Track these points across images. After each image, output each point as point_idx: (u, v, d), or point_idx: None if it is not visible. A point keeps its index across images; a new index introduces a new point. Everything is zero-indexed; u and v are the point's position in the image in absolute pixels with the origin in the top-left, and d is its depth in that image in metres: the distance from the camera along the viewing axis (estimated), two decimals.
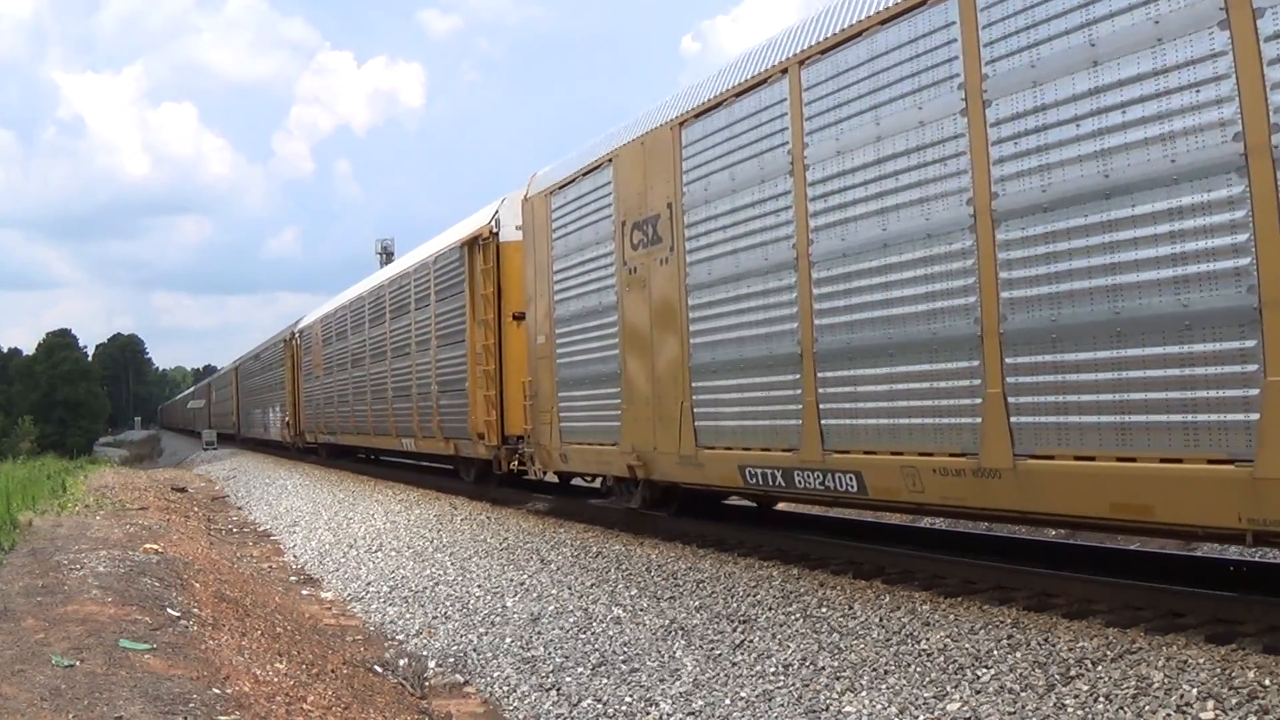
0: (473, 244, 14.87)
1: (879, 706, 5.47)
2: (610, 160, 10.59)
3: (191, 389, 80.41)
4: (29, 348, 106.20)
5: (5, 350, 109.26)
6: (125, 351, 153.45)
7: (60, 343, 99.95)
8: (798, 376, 7.83)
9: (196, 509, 19.39)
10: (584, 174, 11.18)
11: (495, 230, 14.15)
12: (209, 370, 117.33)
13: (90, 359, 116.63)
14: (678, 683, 6.51)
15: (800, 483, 7.94)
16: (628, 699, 6.50)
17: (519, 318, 13.36)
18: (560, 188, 11.72)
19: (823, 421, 7.60)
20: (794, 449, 7.88)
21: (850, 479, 7.44)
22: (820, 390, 7.64)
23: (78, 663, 5.80)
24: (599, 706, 6.54)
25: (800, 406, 7.83)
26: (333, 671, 7.47)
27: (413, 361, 18.10)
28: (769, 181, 8.13)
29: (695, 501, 10.61)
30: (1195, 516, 5.31)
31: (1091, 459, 5.70)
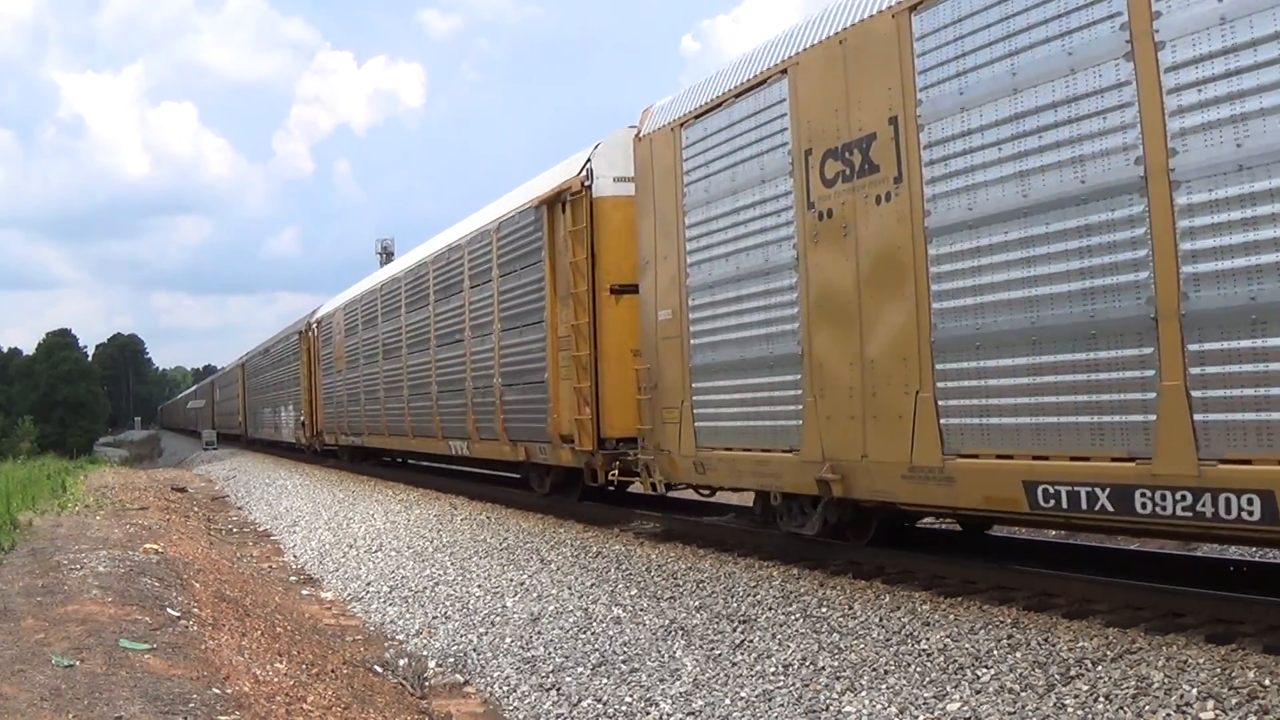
0: (554, 203, 12.08)
1: (879, 706, 5.47)
2: (783, 72, 8.12)
3: (194, 387, 79.97)
4: (29, 348, 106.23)
5: (5, 350, 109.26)
6: (125, 351, 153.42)
7: (60, 343, 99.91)
8: (1148, 351, 5.49)
9: (196, 509, 19.39)
10: (736, 95, 8.69)
11: (587, 183, 11.31)
12: (209, 370, 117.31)
13: (90, 359, 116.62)
14: (678, 683, 6.51)
15: (1150, 506, 5.50)
16: (628, 699, 6.50)
17: (620, 290, 11.02)
18: (696, 118, 9.26)
19: (1203, 418, 5.26)
20: (1142, 457, 5.51)
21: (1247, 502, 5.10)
22: (1195, 371, 5.30)
23: (78, 663, 5.80)
24: (599, 706, 6.54)
25: (1153, 395, 5.46)
26: (333, 671, 7.47)
27: (466, 350, 15.14)
28: (1088, 71, 5.79)
29: (897, 526, 8.59)
30: None
31: None
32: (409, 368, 18.25)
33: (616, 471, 10.89)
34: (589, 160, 11.47)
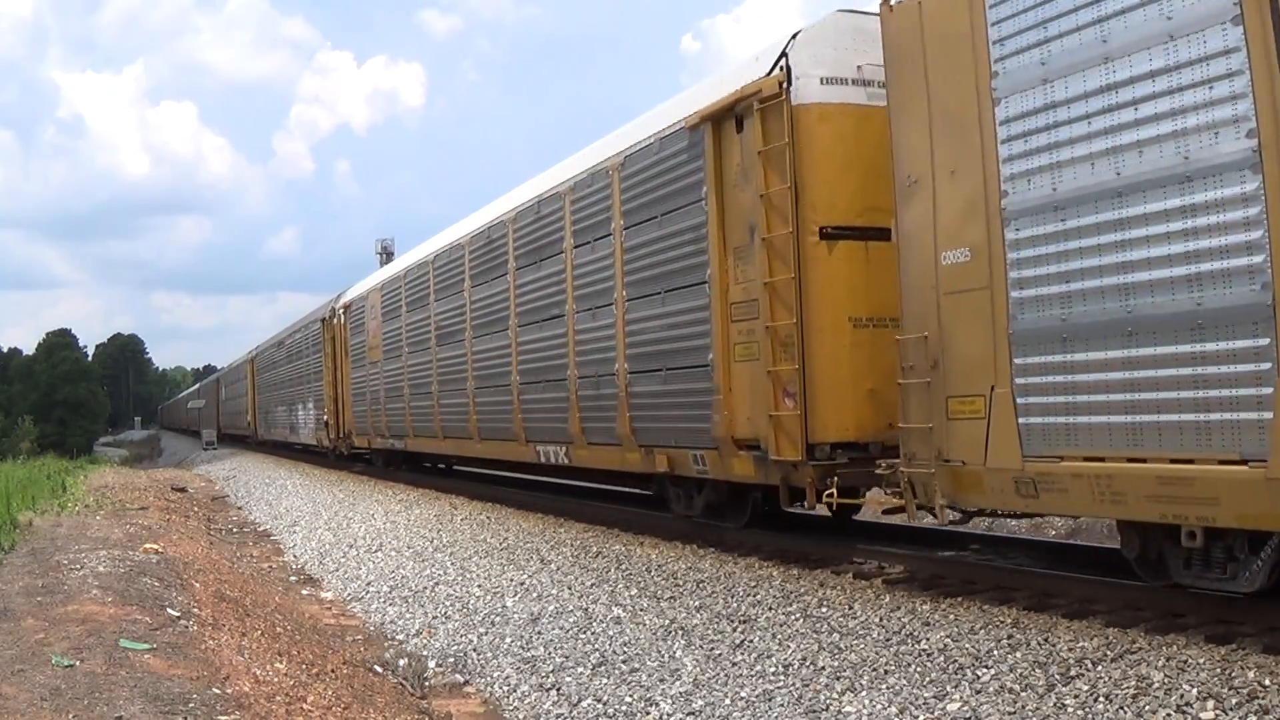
0: (723, 119, 8.91)
1: (879, 706, 5.47)
2: None
3: (196, 386, 79.52)
4: (29, 348, 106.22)
5: (5, 350, 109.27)
6: (125, 351, 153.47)
7: (60, 343, 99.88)
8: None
9: (196, 509, 19.38)
10: None
11: (785, 86, 8.19)
12: (209, 370, 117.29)
13: (90, 359, 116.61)
14: (678, 683, 6.51)
15: None
16: (628, 699, 6.50)
17: (835, 235, 8.09)
18: None
19: None
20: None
21: None
22: None
23: (78, 663, 5.80)
24: (599, 706, 6.54)
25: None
26: (333, 671, 7.47)
27: (569, 329, 11.70)
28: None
29: None
30: None
31: None
32: (475, 355, 14.75)
33: (835, 490, 7.83)
34: (784, 54, 8.33)
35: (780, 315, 8.27)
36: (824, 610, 7.11)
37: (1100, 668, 5.27)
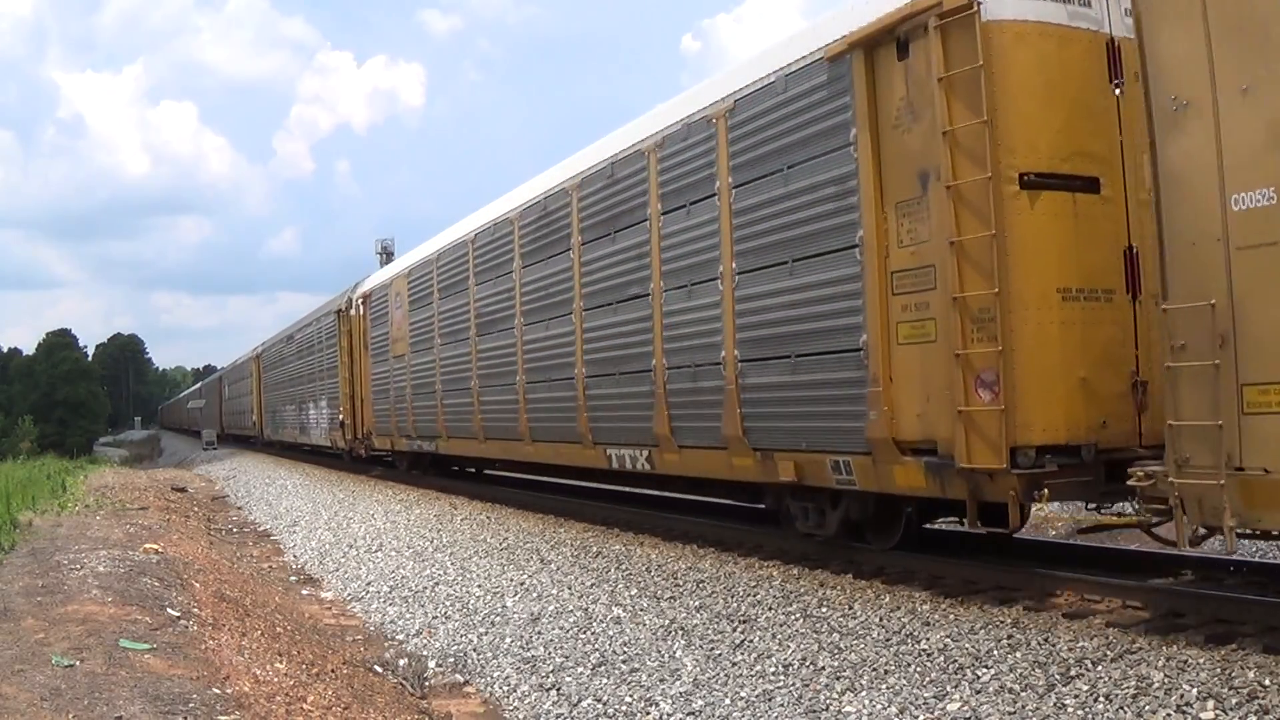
0: (880, 45, 7.37)
1: (879, 706, 5.47)
2: None
3: (198, 385, 79.17)
4: (29, 348, 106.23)
5: (5, 350, 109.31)
6: (125, 351, 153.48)
7: (60, 343, 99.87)
8: None
9: (196, 509, 19.38)
10: None
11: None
12: (209, 370, 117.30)
13: (90, 359, 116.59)
14: (678, 683, 6.51)
15: None
16: (628, 699, 6.50)
17: (1039, 184, 6.60)
18: None
19: None
20: None
21: None
22: None
23: (78, 663, 5.80)
24: (599, 706, 6.54)
25: None
26: (333, 671, 7.47)
27: (655, 310, 9.99)
28: None
29: None
30: None
31: None
32: (528, 345, 12.97)
33: (1044, 502, 6.60)
34: None
35: (974, 284, 6.61)
36: (824, 610, 7.11)
37: (1100, 668, 5.27)
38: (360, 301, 21.76)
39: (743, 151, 8.69)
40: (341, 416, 23.00)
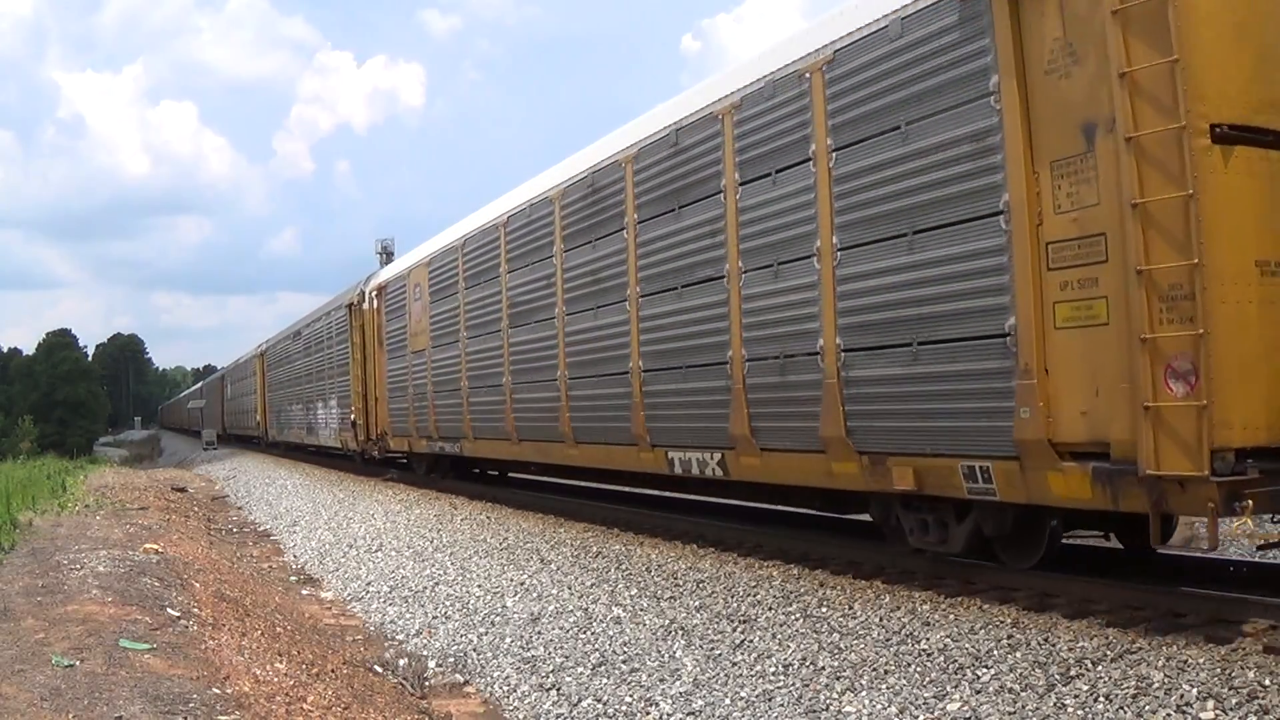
0: None
1: (879, 706, 5.47)
2: None
3: (200, 385, 78.95)
4: (29, 348, 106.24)
5: (5, 350, 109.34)
6: (125, 351, 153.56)
7: (60, 343, 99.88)
8: None
9: (196, 509, 19.38)
10: None
11: None
12: (209, 370, 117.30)
13: (90, 359, 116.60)
14: (678, 683, 6.51)
15: None
16: (628, 699, 6.50)
17: (1233, 137, 5.68)
18: None
19: None
20: None
21: None
22: None
23: (78, 663, 5.80)
24: (599, 706, 6.54)
25: None
26: (333, 671, 7.47)
27: (730, 295, 8.79)
28: None
29: None
30: None
31: None
32: (571, 336, 11.75)
33: (1246, 516, 5.51)
34: None
35: (1163, 254, 5.58)
36: (824, 610, 7.11)
37: (1100, 668, 5.27)
38: (374, 294, 20.35)
39: (846, 109, 7.59)
40: (353, 416, 21.65)
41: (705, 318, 9.18)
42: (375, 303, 20.26)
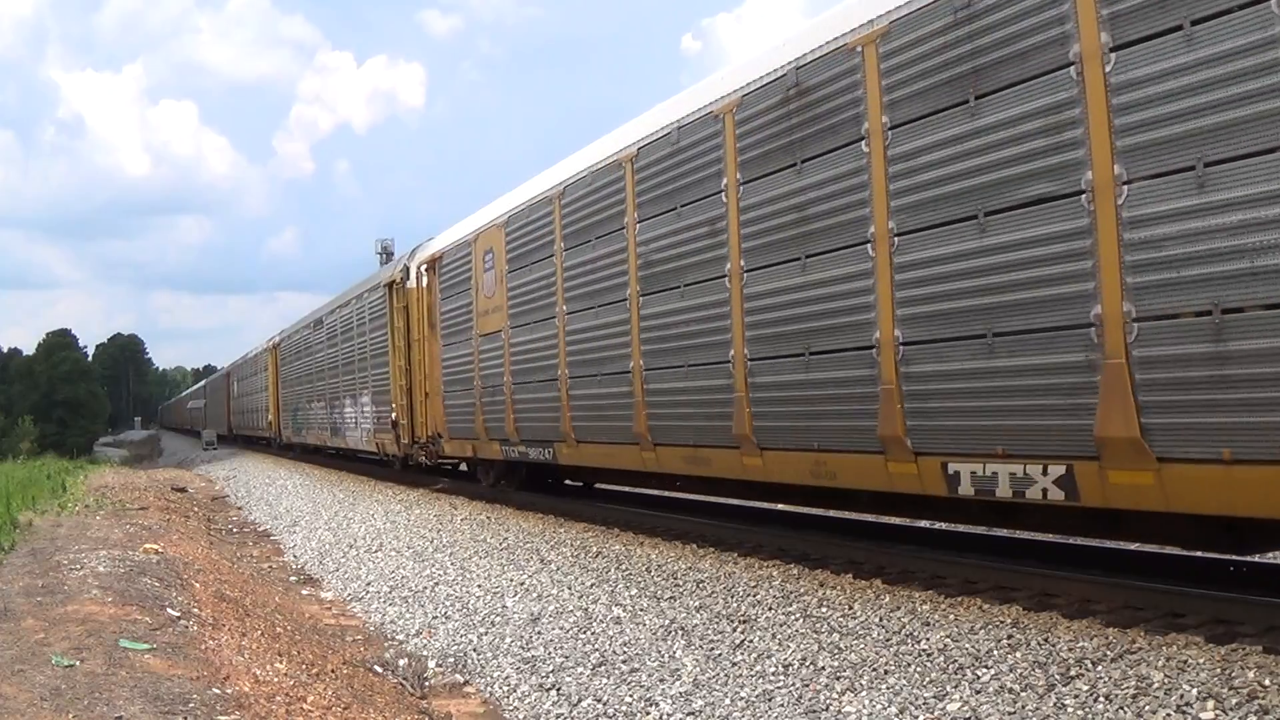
0: None
1: (879, 706, 5.47)
2: None
3: (203, 383, 78.70)
4: (29, 348, 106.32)
5: (5, 350, 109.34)
6: (125, 351, 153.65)
7: (60, 343, 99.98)
8: None
9: (196, 509, 19.39)
10: None
11: None
12: (209, 370, 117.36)
13: (90, 359, 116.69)
14: (678, 683, 6.51)
15: None
16: (628, 699, 6.50)
17: None
18: None
19: None
20: None
21: None
22: None
23: (78, 663, 5.80)
24: (599, 706, 6.54)
25: None
26: (333, 671, 7.47)
27: (1097, 219, 5.64)
28: None
29: None
30: None
31: None
32: (755, 302, 8.41)
33: None
34: None
35: None
36: (824, 610, 7.11)
37: (1100, 668, 5.27)
38: (423, 269, 17.13)
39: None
40: (393, 415, 18.53)
41: (1043, 257, 6.06)
42: (425, 279, 17.02)
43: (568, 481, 14.98)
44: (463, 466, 17.94)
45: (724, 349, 8.87)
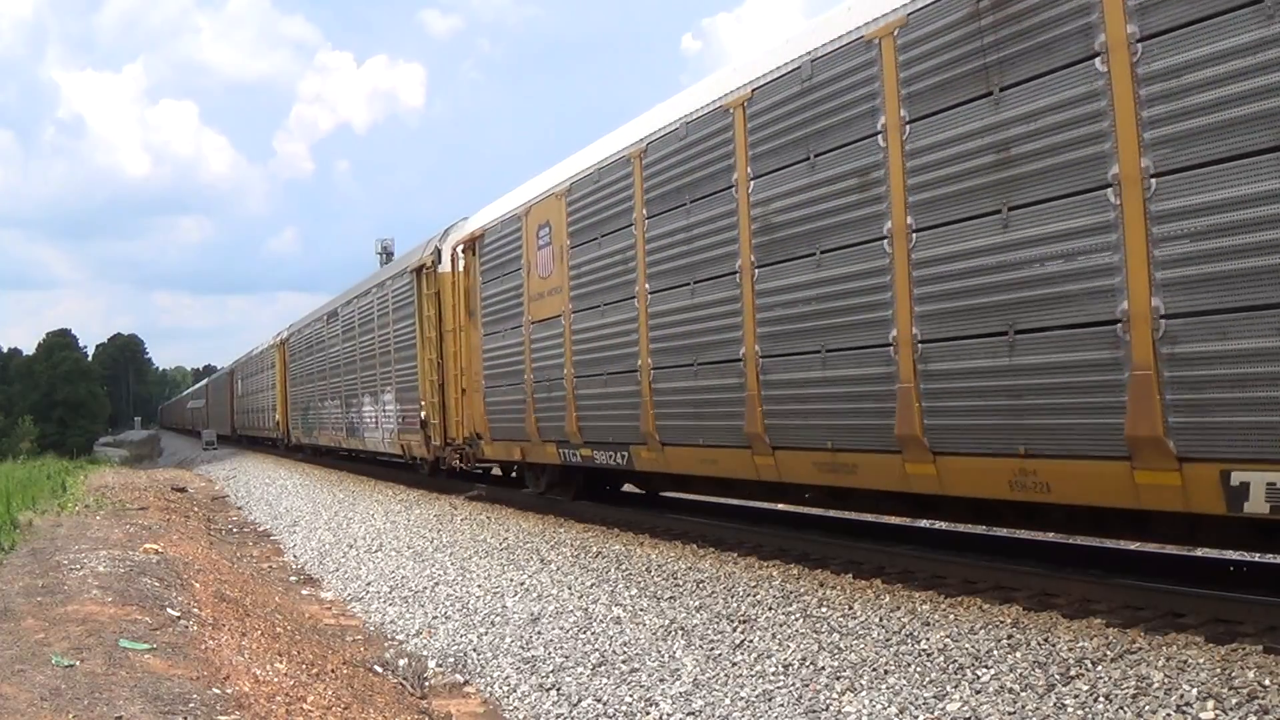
0: None
1: (879, 706, 5.47)
2: None
3: (204, 382, 78.64)
4: (29, 348, 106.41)
5: (5, 350, 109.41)
6: (125, 351, 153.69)
7: (60, 343, 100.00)
8: None
9: (196, 509, 19.38)
10: None
11: None
12: (209, 370, 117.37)
13: (90, 359, 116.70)
14: (678, 683, 6.51)
15: None
16: (628, 699, 6.50)
17: None
18: None
19: None
20: None
21: None
22: None
23: (78, 663, 5.80)
24: (599, 706, 6.54)
25: None
26: (333, 671, 7.47)
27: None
28: None
29: None
30: None
31: None
32: (926, 270, 6.71)
33: None
34: None
35: None
36: (824, 610, 7.11)
37: (1100, 668, 5.27)
38: (460, 250, 15.15)
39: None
40: (423, 414, 16.66)
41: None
42: (462, 262, 15.12)
43: (626, 488, 13.75)
44: (496, 470, 16.50)
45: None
